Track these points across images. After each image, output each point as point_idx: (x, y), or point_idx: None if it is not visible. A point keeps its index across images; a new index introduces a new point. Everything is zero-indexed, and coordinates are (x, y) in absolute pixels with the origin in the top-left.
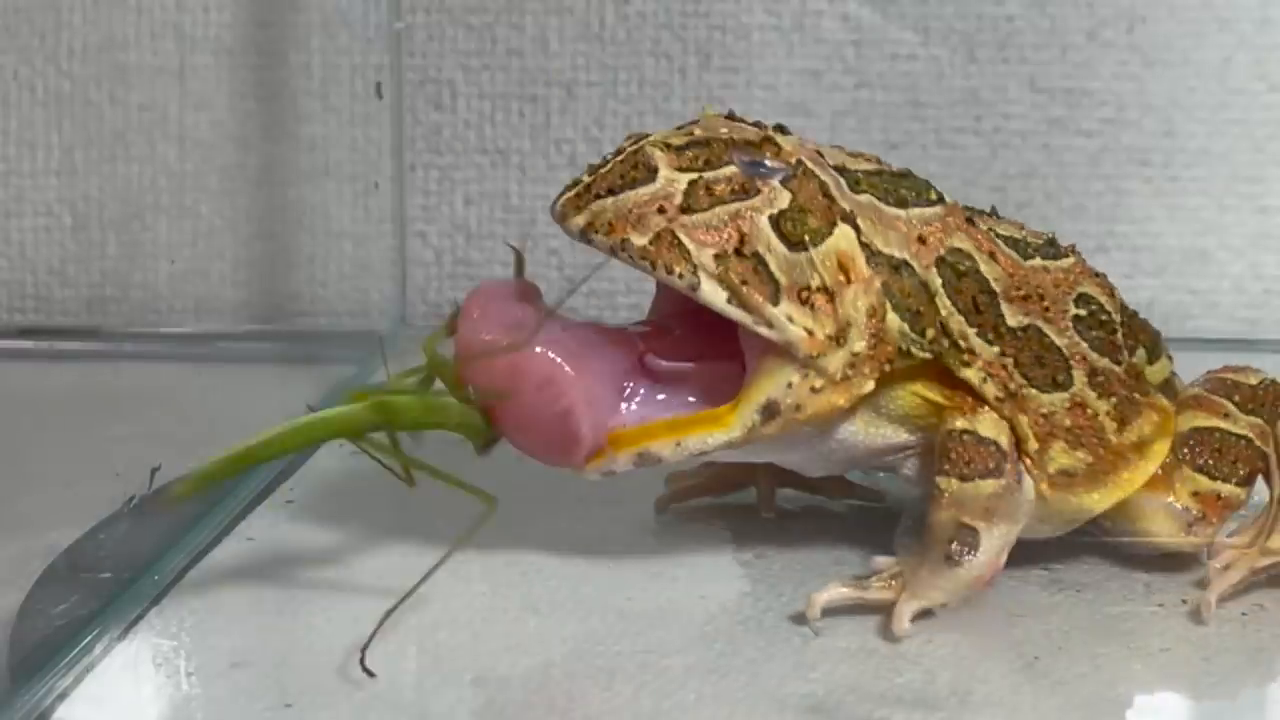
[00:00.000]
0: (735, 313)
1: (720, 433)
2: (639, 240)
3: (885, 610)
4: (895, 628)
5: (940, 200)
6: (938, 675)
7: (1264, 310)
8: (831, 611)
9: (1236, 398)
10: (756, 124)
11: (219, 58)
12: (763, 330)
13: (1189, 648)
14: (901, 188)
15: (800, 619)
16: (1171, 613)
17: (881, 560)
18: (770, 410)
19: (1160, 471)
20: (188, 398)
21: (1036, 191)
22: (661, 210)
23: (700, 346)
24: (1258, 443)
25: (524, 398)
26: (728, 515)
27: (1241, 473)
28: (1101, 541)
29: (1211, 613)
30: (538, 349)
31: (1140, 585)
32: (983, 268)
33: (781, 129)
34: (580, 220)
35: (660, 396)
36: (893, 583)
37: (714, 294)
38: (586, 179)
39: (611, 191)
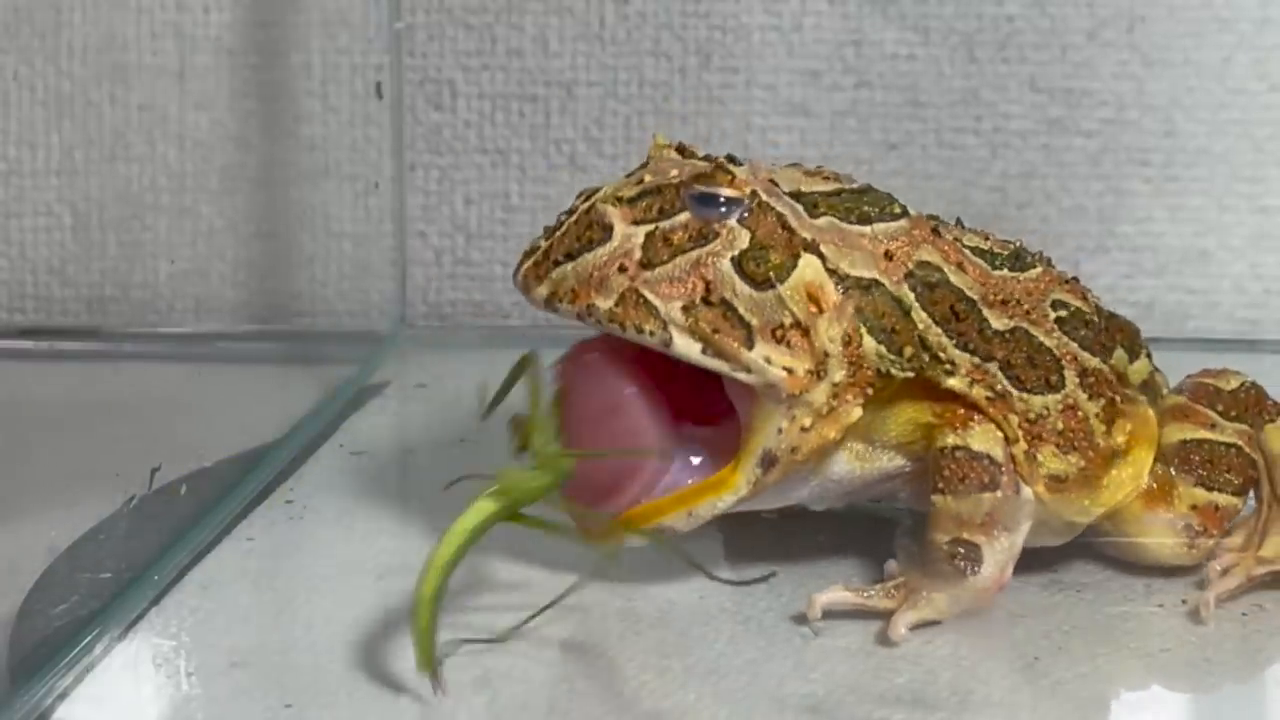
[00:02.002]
0: (711, 363)
1: (728, 494)
2: (604, 304)
3: (887, 617)
4: (892, 634)
5: (904, 213)
6: (938, 675)
7: (1264, 310)
8: (832, 613)
9: (1220, 406)
10: (706, 157)
11: (219, 58)
12: (742, 376)
13: (1189, 648)
14: (863, 205)
15: (801, 619)
16: (1171, 613)
17: (894, 566)
18: (769, 460)
19: (1156, 486)
20: (188, 398)
21: (1036, 191)
22: (622, 269)
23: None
24: (1247, 450)
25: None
26: (727, 515)
27: (1236, 482)
28: (1102, 543)
29: (1211, 613)
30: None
31: (1140, 586)
32: (953, 279)
33: (732, 159)
34: (543, 290)
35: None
36: (895, 592)
37: (688, 347)
38: (544, 244)
39: (569, 256)
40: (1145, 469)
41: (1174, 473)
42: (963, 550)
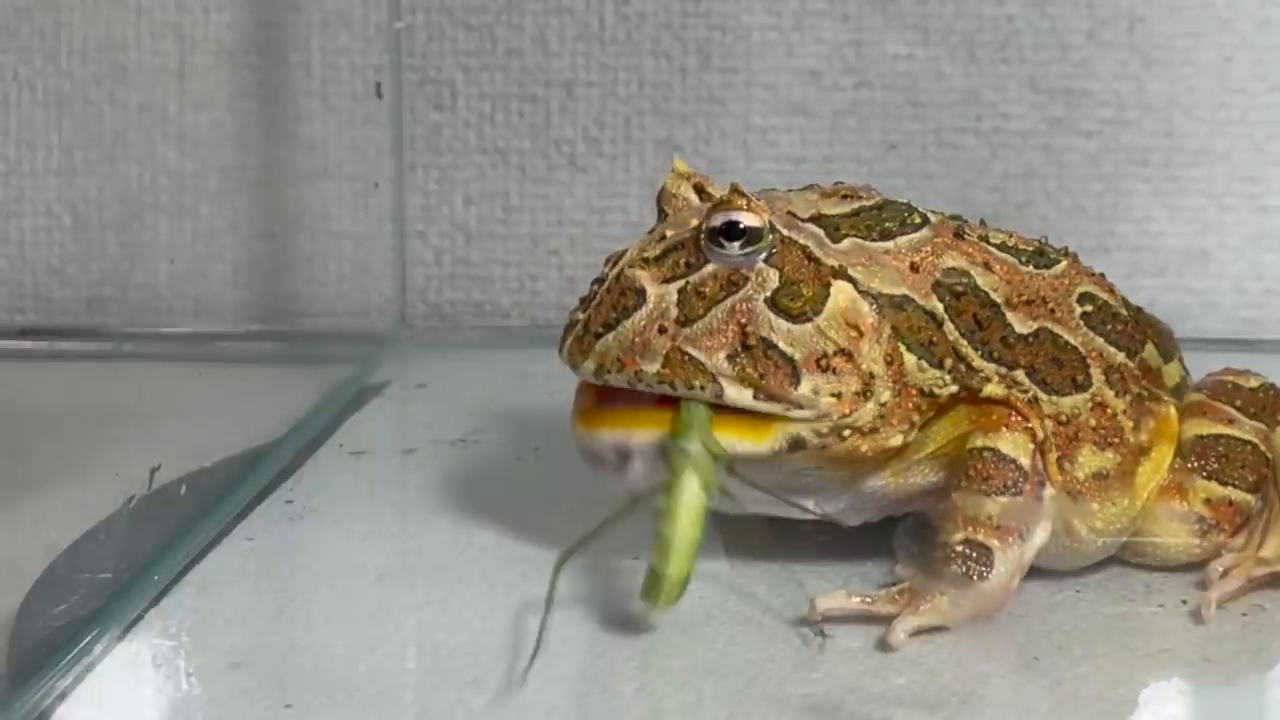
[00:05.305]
0: (765, 406)
1: (749, 441)
2: (651, 368)
3: (889, 621)
4: (890, 640)
5: (925, 222)
6: (938, 676)
7: (1264, 310)
8: (833, 615)
9: (1239, 402)
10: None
11: (219, 58)
12: (795, 414)
13: (1189, 648)
14: (884, 221)
15: (802, 620)
16: (1171, 613)
17: (903, 571)
18: (797, 443)
19: (1171, 480)
20: (188, 398)
21: (1036, 191)
22: (662, 330)
23: None
24: (1262, 448)
25: None
26: (727, 515)
27: (1250, 479)
28: None
29: (1212, 614)
30: None
31: (1140, 585)
32: (979, 280)
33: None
34: (590, 365)
35: None
36: (899, 596)
37: (740, 395)
38: (581, 316)
39: (608, 326)
40: (1165, 466)
41: (1190, 467)
42: (974, 553)
